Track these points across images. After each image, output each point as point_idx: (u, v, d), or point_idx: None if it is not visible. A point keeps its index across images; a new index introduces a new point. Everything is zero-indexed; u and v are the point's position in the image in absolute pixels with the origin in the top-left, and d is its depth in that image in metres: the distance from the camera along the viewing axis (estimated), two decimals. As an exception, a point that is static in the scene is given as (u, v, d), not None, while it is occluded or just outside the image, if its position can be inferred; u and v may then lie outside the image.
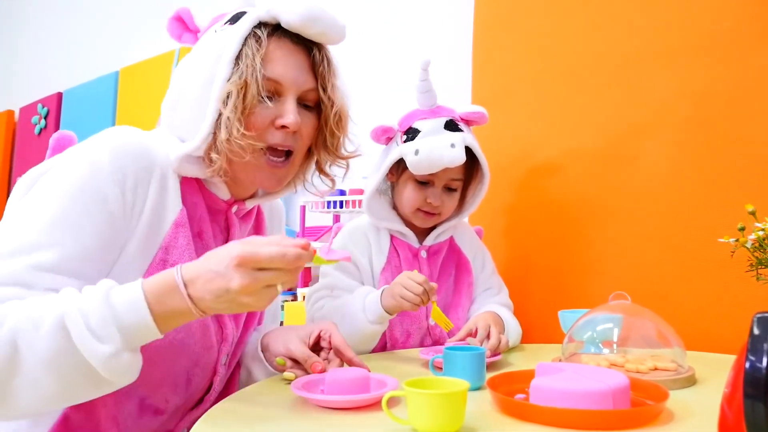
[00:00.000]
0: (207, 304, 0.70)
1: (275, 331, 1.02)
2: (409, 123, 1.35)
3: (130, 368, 0.70)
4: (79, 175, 0.78)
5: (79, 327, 0.66)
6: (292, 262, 0.70)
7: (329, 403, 0.79)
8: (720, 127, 1.36)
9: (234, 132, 0.84)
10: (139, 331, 0.69)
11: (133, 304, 0.69)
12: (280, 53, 0.89)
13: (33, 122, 3.82)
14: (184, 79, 0.91)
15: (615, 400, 0.71)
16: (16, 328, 0.66)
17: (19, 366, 0.66)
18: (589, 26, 1.60)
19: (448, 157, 1.27)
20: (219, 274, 0.69)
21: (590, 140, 1.57)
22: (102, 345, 0.66)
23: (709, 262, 1.34)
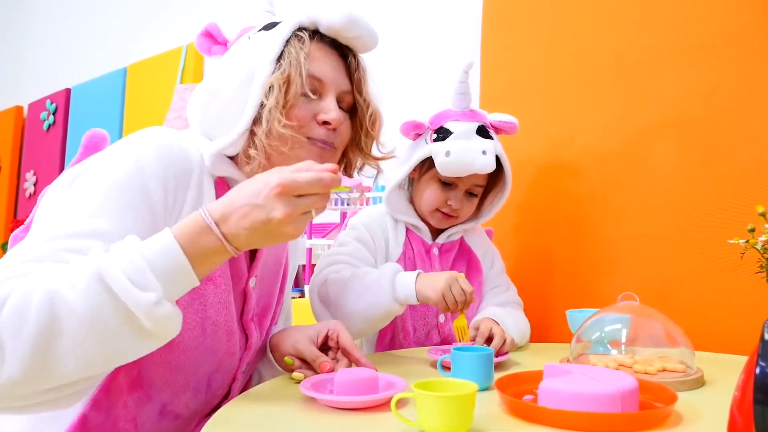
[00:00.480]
0: (242, 240, 0.71)
1: (283, 331, 1.03)
2: (440, 122, 1.34)
3: (173, 318, 0.68)
4: (126, 170, 0.78)
5: (119, 278, 0.64)
6: (329, 185, 0.71)
7: (338, 404, 0.79)
8: (731, 128, 1.36)
9: (275, 123, 0.85)
10: (177, 276, 0.68)
11: (166, 250, 0.68)
12: (321, 54, 0.93)
13: (41, 118, 3.84)
14: (218, 79, 0.92)
15: (623, 403, 0.71)
16: (52, 290, 0.64)
17: (60, 328, 0.63)
18: (597, 26, 1.59)
19: (480, 164, 1.27)
20: (257, 206, 0.69)
21: (599, 140, 1.57)
22: (144, 293, 0.65)
23: (719, 264, 1.34)
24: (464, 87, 1.34)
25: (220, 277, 0.87)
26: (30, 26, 4.37)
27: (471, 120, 1.33)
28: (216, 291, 0.86)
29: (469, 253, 1.44)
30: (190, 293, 0.82)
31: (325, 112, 0.91)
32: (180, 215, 0.82)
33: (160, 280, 0.66)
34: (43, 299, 0.63)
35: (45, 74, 4.13)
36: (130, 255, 0.66)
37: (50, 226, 0.73)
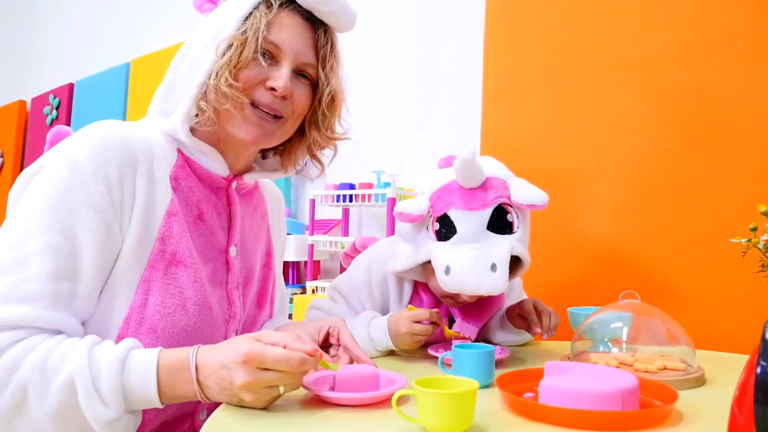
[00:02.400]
0: (212, 393, 0.75)
1: (285, 327, 1.04)
2: (443, 207, 1.06)
3: (129, 428, 0.75)
4: (62, 179, 0.78)
5: (88, 389, 0.70)
6: (296, 366, 0.73)
7: (339, 400, 0.79)
8: (734, 126, 1.36)
9: (222, 81, 0.86)
10: (143, 403, 0.74)
11: (144, 376, 0.73)
12: (288, 23, 0.92)
13: (45, 113, 3.85)
14: (192, 37, 0.95)
15: (624, 401, 0.72)
16: (29, 377, 0.70)
17: (26, 411, 0.71)
18: (601, 24, 1.59)
19: (487, 287, 1.00)
20: (225, 366, 0.73)
21: (602, 137, 1.57)
22: (105, 409, 0.71)
23: (721, 262, 1.34)
24: (468, 173, 1.05)
25: (188, 257, 0.87)
26: (33, 21, 4.38)
27: (481, 207, 1.04)
28: (188, 271, 0.87)
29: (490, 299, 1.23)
30: (162, 279, 0.84)
31: (274, 79, 0.90)
32: (134, 207, 0.83)
33: (127, 400, 0.73)
34: (20, 382, 0.70)
35: (48, 69, 4.13)
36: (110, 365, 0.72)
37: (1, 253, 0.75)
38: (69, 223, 0.77)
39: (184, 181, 0.91)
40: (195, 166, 0.93)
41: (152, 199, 0.85)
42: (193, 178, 0.93)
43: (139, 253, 0.83)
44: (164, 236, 0.85)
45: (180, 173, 0.90)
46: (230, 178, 0.98)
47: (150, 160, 0.86)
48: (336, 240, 2.31)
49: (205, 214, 0.93)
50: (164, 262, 0.84)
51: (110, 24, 3.70)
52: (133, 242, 0.82)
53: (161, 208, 0.86)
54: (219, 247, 0.96)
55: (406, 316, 1.09)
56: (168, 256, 0.85)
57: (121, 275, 0.81)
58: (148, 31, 3.40)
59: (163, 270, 0.84)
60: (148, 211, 0.84)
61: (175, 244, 0.86)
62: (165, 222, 0.85)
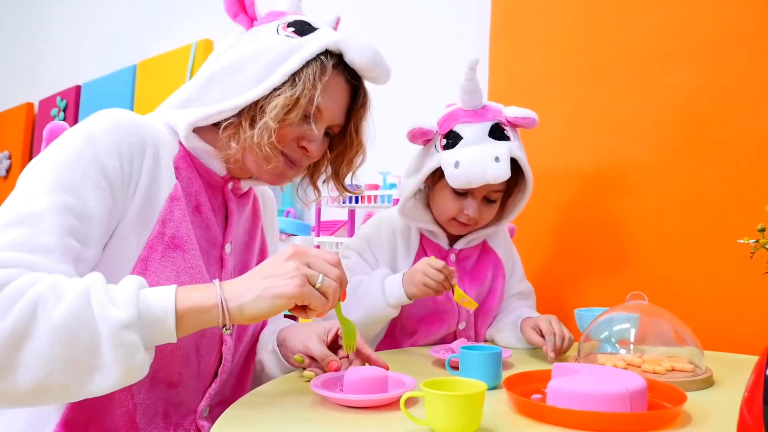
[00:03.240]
0: (235, 291, 0.74)
1: (293, 328, 1.03)
2: (450, 125, 1.25)
3: (135, 355, 0.68)
4: (76, 146, 0.80)
5: (100, 293, 0.68)
6: (336, 261, 0.77)
7: (348, 402, 0.79)
8: (741, 126, 1.35)
9: (265, 139, 0.88)
10: (156, 320, 0.70)
11: (160, 292, 0.71)
12: (334, 87, 0.95)
13: (52, 115, 3.86)
14: (231, 59, 0.94)
15: (632, 403, 0.72)
16: (39, 295, 0.66)
17: (32, 332, 0.65)
18: (607, 23, 1.58)
19: (492, 174, 1.17)
20: (270, 264, 0.76)
21: (608, 138, 1.56)
22: (116, 309, 0.67)
23: (728, 263, 1.33)
24: (472, 84, 1.24)
25: (187, 243, 0.88)
26: (41, 24, 4.40)
27: (483, 120, 1.23)
28: (185, 257, 0.87)
29: (493, 257, 1.39)
30: (160, 261, 0.84)
31: (309, 141, 0.94)
32: (138, 185, 0.84)
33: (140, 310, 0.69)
34: (29, 300, 0.65)
35: (55, 71, 4.15)
36: (128, 282, 0.71)
37: (13, 209, 0.74)
38: (82, 187, 0.77)
39: (185, 172, 0.92)
40: (195, 160, 0.94)
41: (157, 181, 0.86)
42: (193, 170, 0.94)
43: (138, 231, 0.83)
44: (165, 219, 0.86)
45: (181, 163, 0.91)
46: (227, 179, 0.99)
47: (156, 144, 0.88)
48: (342, 241, 2.31)
49: (202, 207, 0.94)
50: (163, 245, 0.85)
51: (117, 27, 3.72)
52: (133, 218, 0.83)
53: (165, 191, 0.87)
54: (214, 242, 0.96)
55: (423, 260, 1.15)
56: (167, 239, 0.85)
57: (119, 251, 0.81)
58: (155, 34, 3.41)
59: (161, 252, 0.84)
60: (152, 192, 0.85)
61: (175, 229, 0.86)
62: (167, 205, 0.86)
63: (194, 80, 0.96)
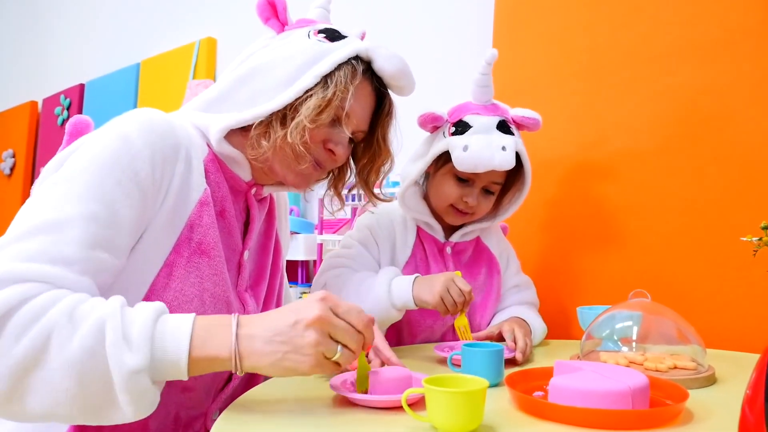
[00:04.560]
0: (254, 345, 0.71)
1: None
2: (459, 115, 1.29)
3: (147, 393, 0.67)
4: (111, 148, 0.78)
5: (117, 333, 0.65)
6: (366, 324, 0.74)
7: (372, 403, 0.78)
8: (745, 125, 1.35)
9: (298, 138, 0.89)
10: (170, 357, 0.68)
11: (178, 325, 0.69)
12: (362, 92, 0.97)
13: (56, 113, 3.88)
14: (263, 60, 0.94)
15: (634, 400, 0.71)
16: (55, 322, 0.65)
17: (44, 361, 0.64)
18: (610, 21, 1.58)
19: (498, 160, 1.21)
20: (292, 310, 0.73)
21: (610, 136, 1.56)
22: (130, 354, 0.65)
23: (731, 261, 1.33)
24: (486, 79, 1.29)
25: (213, 249, 0.88)
26: (45, 22, 4.41)
27: (492, 114, 1.27)
28: (211, 263, 0.87)
29: (488, 253, 1.41)
30: (185, 266, 0.83)
31: (336, 143, 0.95)
32: (169, 189, 0.83)
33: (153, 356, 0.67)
34: (43, 328, 0.64)
35: (59, 70, 4.16)
36: (145, 315, 0.68)
37: (44, 213, 0.73)
38: (112, 196, 0.76)
39: (213, 175, 0.91)
40: (222, 164, 0.94)
41: (187, 185, 0.86)
42: (220, 174, 0.93)
43: (166, 235, 0.83)
44: (193, 224, 0.85)
45: (210, 167, 0.91)
46: (251, 184, 0.99)
47: (189, 147, 0.88)
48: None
49: (226, 212, 0.93)
50: (189, 250, 0.84)
51: (120, 25, 3.72)
52: (161, 223, 0.82)
53: (194, 195, 0.86)
54: (234, 247, 0.96)
55: (451, 276, 1.13)
56: (194, 245, 0.85)
57: (145, 255, 0.81)
58: (158, 32, 3.42)
59: (186, 257, 0.84)
60: (182, 196, 0.85)
61: (203, 234, 0.86)
62: (196, 210, 0.86)
63: (222, 81, 0.96)
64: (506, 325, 1.17)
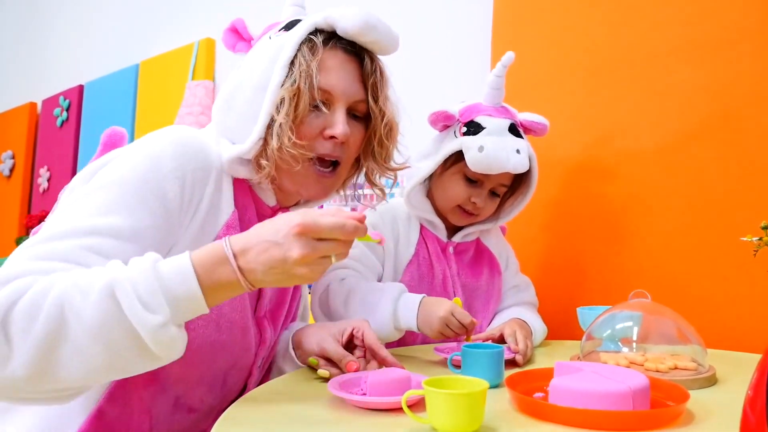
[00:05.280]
0: (257, 276, 0.70)
1: (307, 329, 1.02)
2: (471, 116, 1.28)
3: (176, 342, 0.68)
4: (141, 167, 0.78)
5: (129, 296, 0.65)
6: (351, 233, 0.71)
7: (372, 404, 0.78)
8: (745, 124, 1.34)
9: (285, 140, 0.85)
10: (188, 303, 0.68)
11: (181, 275, 0.68)
12: (333, 62, 0.90)
13: (55, 114, 3.87)
14: (236, 82, 0.91)
15: (635, 401, 0.71)
16: (64, 295, 0.65)
17: (66, 334, 0.64)
18: (609, 22, 1.58)
19: (513, 163, 1.22)
20: (275, 243, 0.69)
21: (610, 137, 1.56)
22: (151, 315, 0.65)
23: (731, 261, 1.33)
24: (499, 82, 1.29)
25: None
26: (44, 23, 4.40)
27: (503, 116, 1.28)
28: None
29: (487, 254, 1.41)
30: None
31: (331, 126, 0.89)
32: (197, 210, 0.83)
33: (170, 304, 0.67)
34: (55, 303, 0.64)
35: (58, 71, 4.15)
36: (145, 273, 0.67)
37: (66, 222, 0.73)
38: (137, 213, 0.76)
39: (241, 200, 0.91)
40: (250, 188, 0.93)
41: (216, 207, 0.85)
42: (249, 197, 0.93)
43: None
44: None
45: (239, 190, 0.90)
46: (276, 209, 0.98)
47: (220, 168, 0.87)
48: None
49: None
50: None
51: (119, 26, 3.72)
52: (186, 243, 0.82)
53: (222, 218, 0.86)
54: None
55: (450, 305, 1.10)
56: None
57: None
58: (157, 33, 3.41)
59: None
60: (210, 218, 0.84)
61: None
62: (222, 233, 0.85)
63: (213, 110, 0.94)
64: (507, 327, 1.16)
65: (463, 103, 1.34)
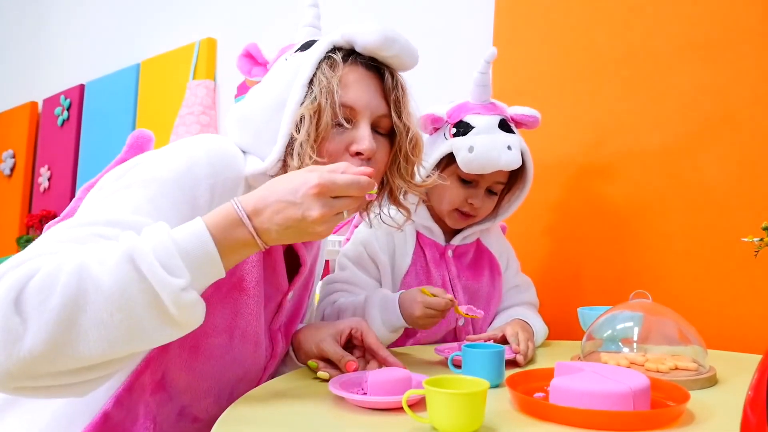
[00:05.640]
0: (272, 236, 0.71)
1: (306, 329, 1.02)
2: (459, 116, 1.26)
3: (197, 306, 0.67)
4: (177, 170, 0.78)
5: (149, 260, 0.64)
6: (365, 188, 0.72)
7: (372, 404, 0.78)
8: (746, 124, 1.34)
9: (306, 159, 0.83)
10: (206, 265, 0.68)
11: (197, 238, 0.67)
12: (354, 77, 0.89)
13: (56, 113, 3.87)
14: (254, 101, 0.91)
15: (635, 401, 0.71)
16: (81, 265, 0.63)
17: (85, 303, 0.63)
18: (611, 21, 1.58)
19: (506, 160, 1.20)
20: (293, 203, 0.70)
21: (610, 137, 1.56)
22: (173, 278, 0.64)
23: (732, 262, 1.33)
24: (485, 78, 1.27)
25: (254, 288, 0.87)
26: (44, 23, 4.41)
27: (492, 113, 1.26)
28: (248, 301, 0.86)
29: (487, 254, 1.39)
30: (221, 300, 0.82)
31: (357, 142, 0.87)
32: None
33: (189, 267, 0.66)
34: (72, 273, 0.63)
35: (59, 70, 4.15)
36: (162, 238, 0.66)
37: (92, 212, 0.73)
38: (165, 215, 0.75)
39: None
40: None
41: None
42: None
43: None
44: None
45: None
46: None
47: (248, 183, 0.86)
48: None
49: (273, 251, 0.92)
50: (229, 284, 0.84)
51: (120, 26, 3.72)
52: None
53: None
54: (278, 286, 0.95)
55: (420, 301, 1.09)
56: (235, 280, 0.84)
57: None
58: (158, 33, 3.41)
59: (225, 292, 0.83)
60: None
61: (246, 271, 0.85)
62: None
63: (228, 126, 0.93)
64: (509, 327, 1.15)
65: (451, 103, 1.32)
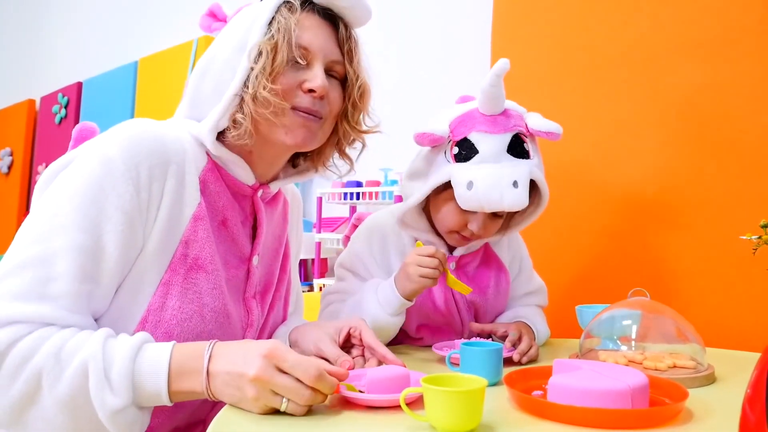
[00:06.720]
0: (216, 386, 0.73)
1: (304, 329, 1.02)
2: (464, 132, 1.10)
3: (134, 425, 0.72)
4: (94, 175, 0.78)
5: (99, 375, 0.69)
6: (312, 378, 0.71)
7: (370, 402, 0.77)
8: (744, 123, 1.34)
9: (261, 88, 0.85)
10: (151, 394, 0.72)
11: (155, 363, 0.72)
12: (310, 23, 0.92)
13: (54, 111, 3.87)
14: (214, 49, 0.93)
15: (634, 399, 0.71)
16: (44, 364, 0.69)
17: (38, 400, 0.70)
18: (609, 20, 1.58)
19: (509, 201, 1.05)
20: (244, 357, 0.72)
21: (609, 135, 1.56)
22: (113, 397, 0.69)
23: (731, 260, 1.33)
24: (496, 90, 1.08)
25: (210, 264, 0.87)
26: (42, 20, 4.40)
27: (502, 131, 1.09)
28: (208, 277, 0.86)
29: (495, 261, 1.28)
30: (182, 284, 0.83)
31: (310, 80, 0.90)
32: (159, 207, 0.82)
33: (135, 392, 0.71)
34: (34, 368, 0.69)
35: (57, 68, 4.15)
36: (124, 353, 0.71)
37: (25, 249, 0.74)
38: (96, 223, 0.76)
39: (212, 185, 0.90)
40: (223, 172, 0.92)
41: (180, 201, 0.84)
42: (221, 183, 0.92)
43: (160, 255, 0.82)
44: (188, 240, 0.84)
45: (209, 176, 0.89)
46: (256, 187, 0.97)
47: (182, 161, 0.86)
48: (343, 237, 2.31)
49: (229, 221, 0.92)
50: (185, 267, 0.84)
51: (118, 23, 3.72)
52: (155, 244, 0.81)
53: (188, 211, 0.85)
54: (241, 255, 0.95)
55: (413, 252, 1.09)
56: (190, 261, 0.84)
57: (141, 276, 0.81)
58: (156, 30, 3.41)
59: (183, 274, 0.83)
60: (174, 214, 0.83)
61: (198, 249, 0.85)
62: (190, 226, 0.85)
63: (187, 86, 0.95)
64: (513, 328, 1.14)
65: (457, 109, 1.17)
